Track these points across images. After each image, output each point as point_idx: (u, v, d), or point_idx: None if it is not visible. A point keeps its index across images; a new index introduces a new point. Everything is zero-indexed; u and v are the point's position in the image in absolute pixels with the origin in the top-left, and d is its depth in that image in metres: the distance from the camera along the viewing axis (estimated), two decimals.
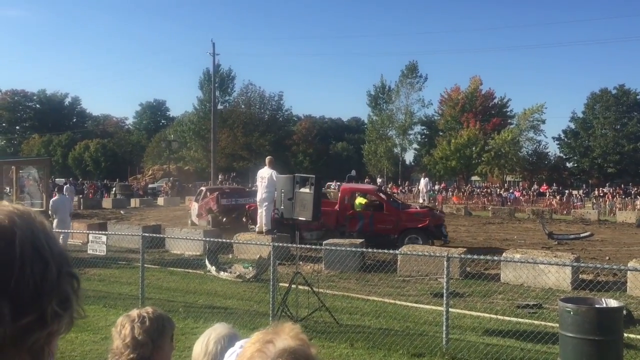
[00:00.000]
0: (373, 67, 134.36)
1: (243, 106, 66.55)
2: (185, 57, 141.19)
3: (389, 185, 52.57)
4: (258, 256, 12.12)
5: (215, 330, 2.36)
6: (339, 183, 53.44)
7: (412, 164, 77.15)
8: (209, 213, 20.74)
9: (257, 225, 15.39)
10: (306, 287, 8.71)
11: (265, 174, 14.49)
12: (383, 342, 7.32)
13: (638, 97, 61.55)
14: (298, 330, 1.29)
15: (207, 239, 12.37)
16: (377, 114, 65.17)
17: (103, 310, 9.01)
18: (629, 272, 10.48)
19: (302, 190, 8.56)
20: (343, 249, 10.96)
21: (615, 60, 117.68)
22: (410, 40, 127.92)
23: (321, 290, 9.52)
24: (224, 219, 20.15)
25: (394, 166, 64.59)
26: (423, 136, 68.77)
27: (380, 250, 10.03)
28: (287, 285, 8.73)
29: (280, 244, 9.61)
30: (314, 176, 8.67)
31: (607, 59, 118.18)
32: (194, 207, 22.55)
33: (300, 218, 8.65)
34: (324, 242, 13.16)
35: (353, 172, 57.71)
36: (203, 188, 24.77)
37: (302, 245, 9.55)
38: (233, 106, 66.73)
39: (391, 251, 9.95)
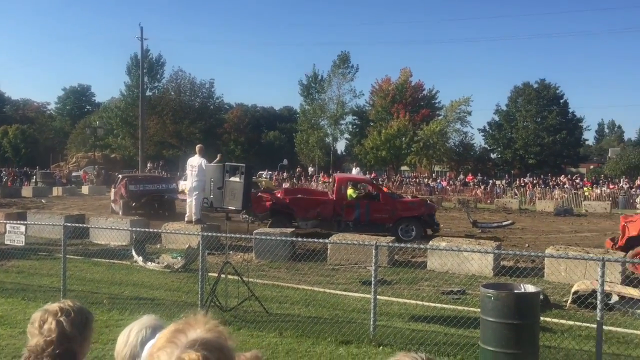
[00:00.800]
0: (305, 56, 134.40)
1: (173, 93, 64.98)
2: (112, 40, 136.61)
3: (320, 175, 52.91)
4: (187, 246, 11.92)
5: (140, 322, 2.30)
6: (270, 172, 53.42)
7: (344, 153, 77.90)
8: (120, 199, 21.25)
9: (187, 214, 15.14)
10: (236, 277, 8.65)
11: (195, 163, 14.26)
12: (312, 330, 7.37)
13: (557, 91, 64.52)
14: (214, 322, 1.27)
15: (134, 228, 12.03)
16: (309, 103, 65.32)
17: (22, 303, 8.63)
18: (546, 258, 11.02)
19: (232, 179, 8.45)
20: (273, 238, 10.94)
21: (537, 55, 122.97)
22: (342, 30, 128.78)
23: (251, 279, 9.48)
24: (134, 204, 20.85)
25: (325, 155, 65.00)
26: (354, 126, 69.49)
27: (310, 240, 10.10)
28: (216, 275, 8.63)
29: (210, 234, 9.47)
30: (244, 165, 8.57)
31: (530, 54, 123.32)
32: (112, 193, 23.43)
33: (229, 207, 8.56)
34: (254, 232, 13.10)
35: (285, 162, 57.73)
36: (120, 175, 25.28)
37: (232, 235, 9.45)
38: (162, 93, 65.03)
39: (321, 240, 10.01)
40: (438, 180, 50.09)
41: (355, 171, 37.68)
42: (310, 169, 58.04)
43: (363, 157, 62.61)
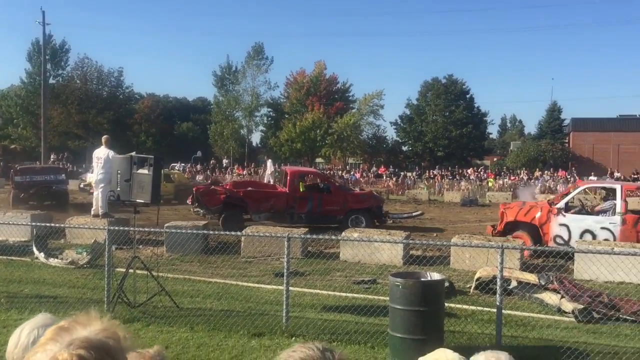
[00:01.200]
0: (219, 46, 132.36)
1: (78, 81, 61.98)
2: (11, 24, 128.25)
3: (235, 167, 52.45)
4: (93, 240, 11.47)
5: (33, 321, 2.17)
6: (183, 164, 52.32)
7: (259, 145, 77.50)
8: (12, 190, 21.68)
9: (93, 208, 14.55)
10: (146, 272, 8.41)
11: (101, 154, 13.70)
12: (224, 324, 7.30)
13: (464, 86, 67.20)
14: (110, 322, 1.22)
15: (35, 223, 11.42)
16: (224, 94, 64.44)
17: None
18: (452, 247, 11.48)
19: (140, 171, 8.18)
20: (184, 231, 10.72)
21: (445, 51, 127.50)
22: (256, 21, 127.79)
23: (162, 274, 9.25)
24: (22, 196, 21.01)
25: (240, 147, 64.42)
26: (269, 118, 69.28)
27: (223, 232, 10.00)
28: (124, 270, 8.36)
29: (117, 228, 9.16)
30: (152, 156, 8.31)
31: (439, 49, 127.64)
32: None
33: (138, 200, 8.29)
34: (165, 225, 12.79)
35: (199, 153, 56.70)
36: (17, 166, 25.61)
37: (141, 229, 9.18)
38: (67, 81, 61.82)
39: (234, 233, 9.92)
40: (352, 172, 50.94)
41: (269, 163, 37.66)
42: (225, 161, 57.36)
43: (278, 149, 62.62)
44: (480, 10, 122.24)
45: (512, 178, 45.95)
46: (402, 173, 50.11)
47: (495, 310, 6.88)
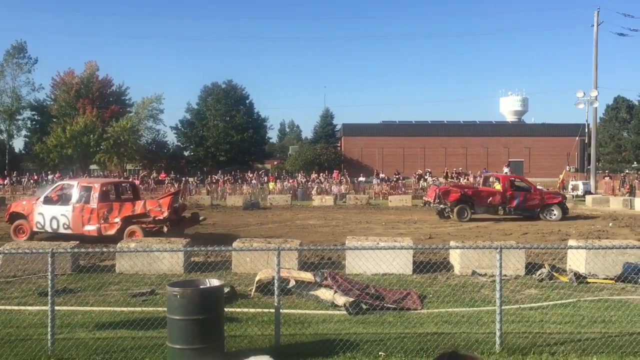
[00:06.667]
0: None
1: None
2: None
3: None
4: None
5: None
6: None
7: (23, 152, 70.19)
8: None
9: None
10: None
11: None
12: None
13: (243, 92, 68.50)
14: None
15: None
16: None
17: None
18: (233, 252, 11.53)
19: None
20: None
21: (225, 57, 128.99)
22: (19, 17, 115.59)
23: None
24: None
25: None
26: (34, 122, 63.09)
27: None
28: None
29: None
30: None
31: (218, 55, 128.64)
32: None
33: None
34: None
35: None
36: None
37: None
38: None
39: None
40: (130, 179, 48.69)
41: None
42: None
43: (46, 156, 57.39)
44: (260, 19, 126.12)
45: (291, 181, 48.02)
46: (183, 178, 49.31)
47: (274, 310, 7.04)
